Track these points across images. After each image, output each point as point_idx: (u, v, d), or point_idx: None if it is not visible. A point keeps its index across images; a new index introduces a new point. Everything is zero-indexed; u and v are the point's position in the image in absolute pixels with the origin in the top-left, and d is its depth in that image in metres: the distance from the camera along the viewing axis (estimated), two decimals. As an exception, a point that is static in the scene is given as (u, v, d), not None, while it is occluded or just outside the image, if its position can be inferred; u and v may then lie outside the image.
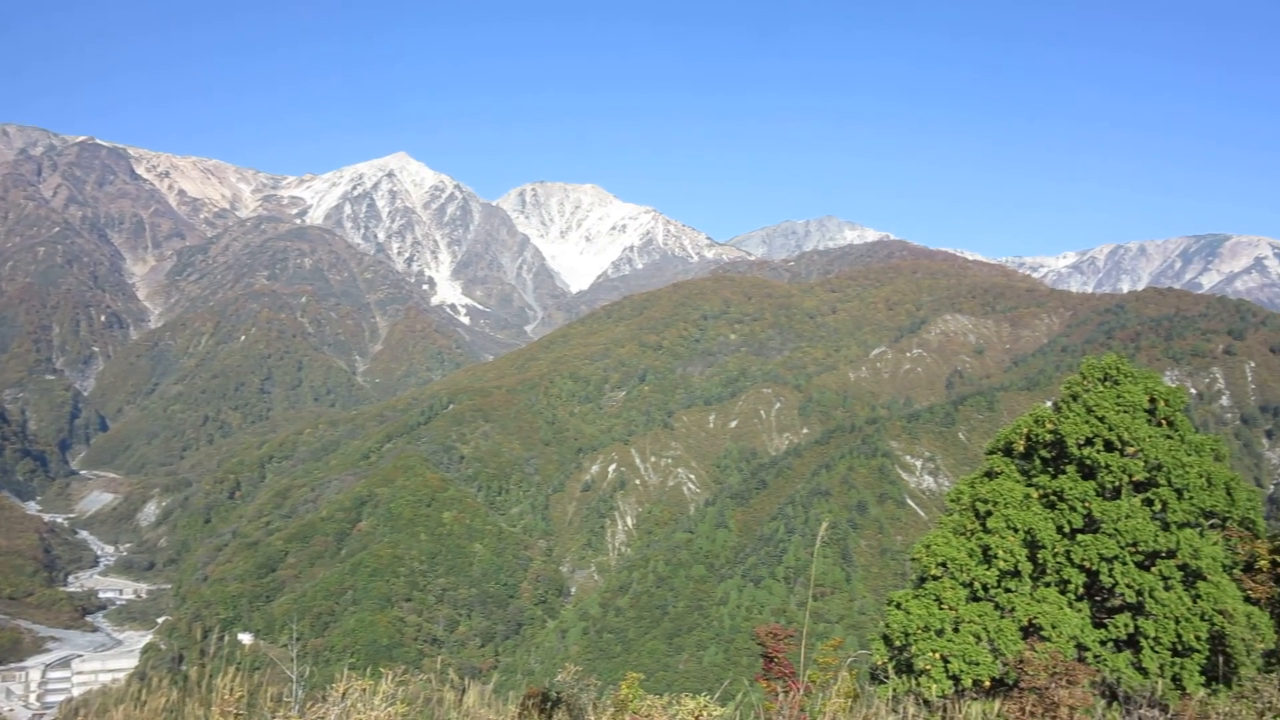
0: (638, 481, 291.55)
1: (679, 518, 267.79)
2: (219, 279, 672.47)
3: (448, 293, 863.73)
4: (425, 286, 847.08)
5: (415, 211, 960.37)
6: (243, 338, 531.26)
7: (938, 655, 19.20)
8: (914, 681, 19.59)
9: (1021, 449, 22.15)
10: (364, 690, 11.00)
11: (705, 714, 11.81)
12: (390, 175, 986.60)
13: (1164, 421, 21.56)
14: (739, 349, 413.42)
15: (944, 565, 20.48)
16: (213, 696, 10.64)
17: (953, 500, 22.01)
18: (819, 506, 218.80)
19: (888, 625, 20.22)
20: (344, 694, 10.87)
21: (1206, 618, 19.59)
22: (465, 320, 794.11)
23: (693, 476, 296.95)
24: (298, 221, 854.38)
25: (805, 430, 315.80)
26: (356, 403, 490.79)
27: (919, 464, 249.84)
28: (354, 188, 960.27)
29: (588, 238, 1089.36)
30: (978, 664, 19.05)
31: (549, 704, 13.36)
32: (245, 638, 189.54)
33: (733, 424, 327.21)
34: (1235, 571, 21.19)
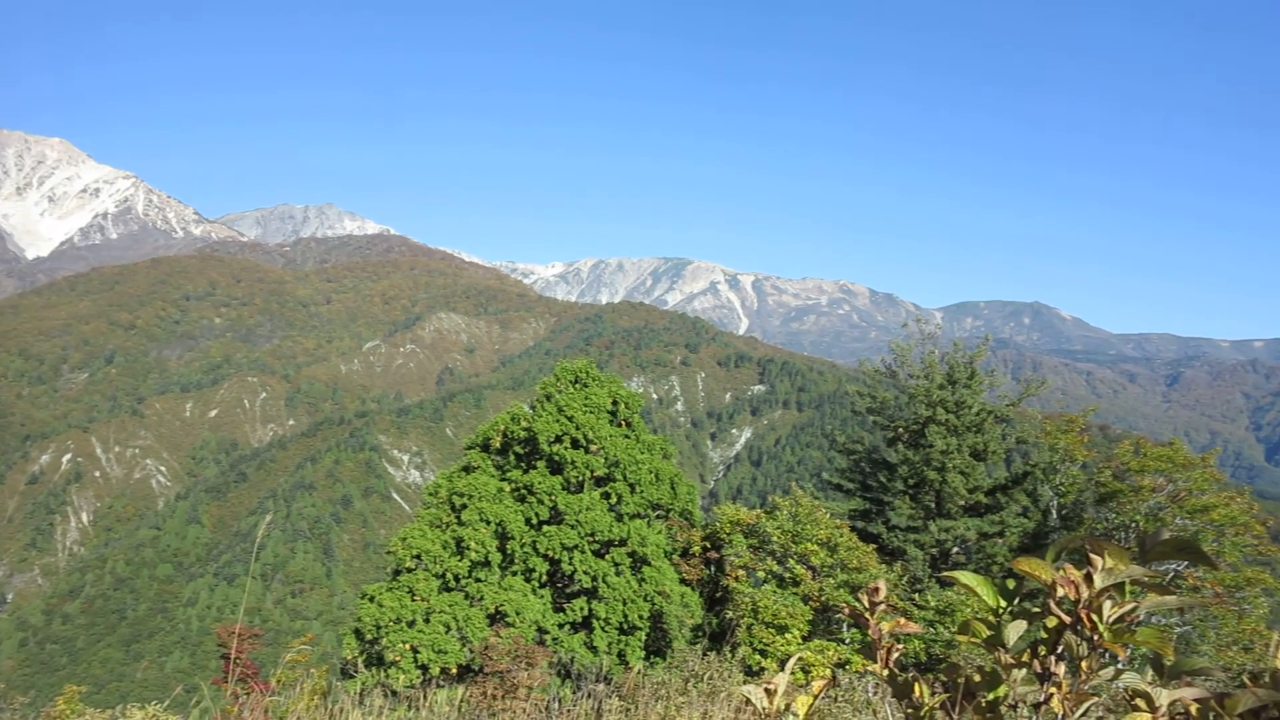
0: (98, 473, 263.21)
1: (145, 513, 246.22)
2: None
3: None
4: None
5: None
6: None
7: (408, 646, 19.45)
8: (384, 673, 19.68)
9: (498, 445, 23.17)
10: None
11: (154, 723, 10.94)
12: None
13: (624, 422, 23.69)
14: (224, 334, 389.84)
15: (419, 557, 20.81)
16: None
17: (431, 494, 22.44)
18: (302, 500, 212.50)
19: (360, 619, 20.11)
20: None
21: (649, 599, 21.80)
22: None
23: (163, 468, 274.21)
24: None
25: (292, 422, 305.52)
26: None
27: (406, 458, 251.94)
28: None
29: (51, 198, 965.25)
30: (446, 652, 19.57)
31: (-44, 729, 11.56)
32: None
33: (213, 413, 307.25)
34: (674, 557, 23.85)
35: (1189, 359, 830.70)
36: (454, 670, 19.82)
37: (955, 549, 29.76)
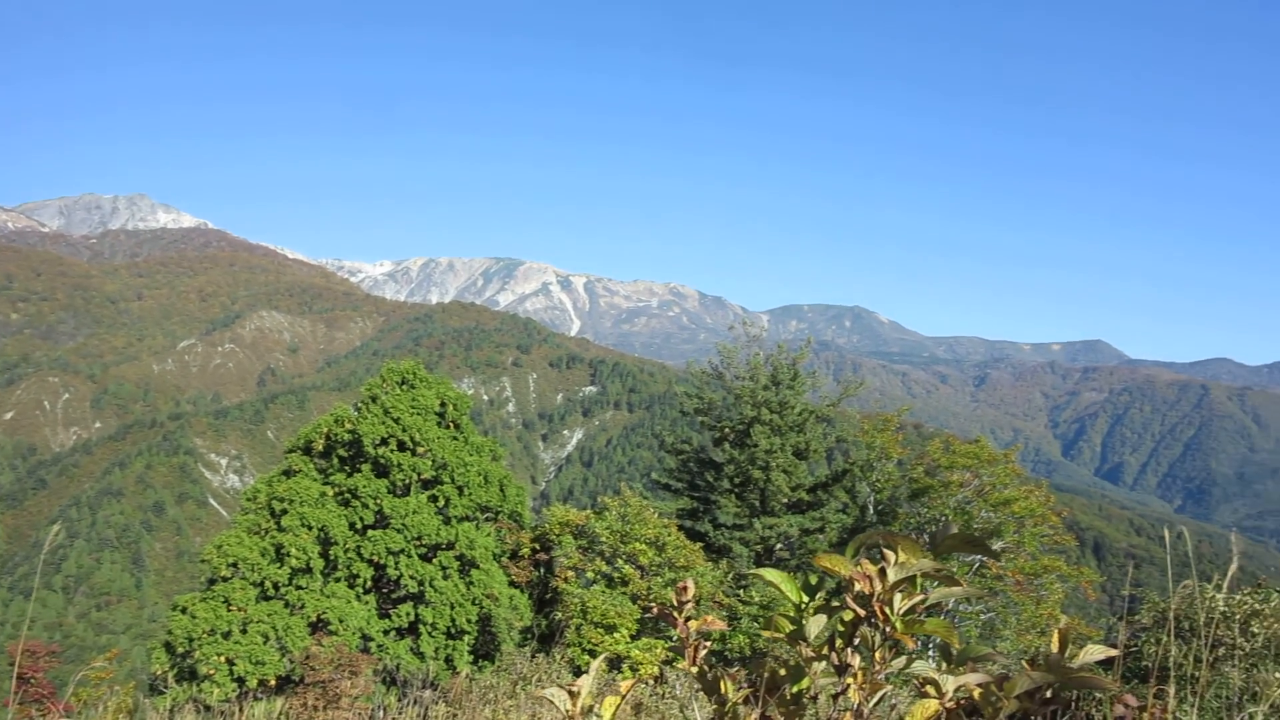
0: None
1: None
2: None
3: None
4: None
5: None
6: None
7: (223, 658, 18.68)
8: (196, 688, 18.85)
9: (321, 448, 22.52)
10: None
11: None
12: None
13: (452, 424, 23.40)
14: (21, 330, 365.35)
15: (235, 565, 20.03)
16: None
17: (249, 499, 21.63)
18: (109, 508, 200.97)
19: (170, 631, 19.20)
20: None
21: (477, 602, 21.62)
22: None
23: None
24: None
25: (98, 424, 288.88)
26: None
27: (224, 462, 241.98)
28: None
29: None
30: (264, 664, 18.90)
31: None
32: None
33: (8, 415, 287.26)
34: (503, 559, 23.72)
35: (995, 361, 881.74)
36: (273, 682, 19.18)
37: (779, 545, 30.66)
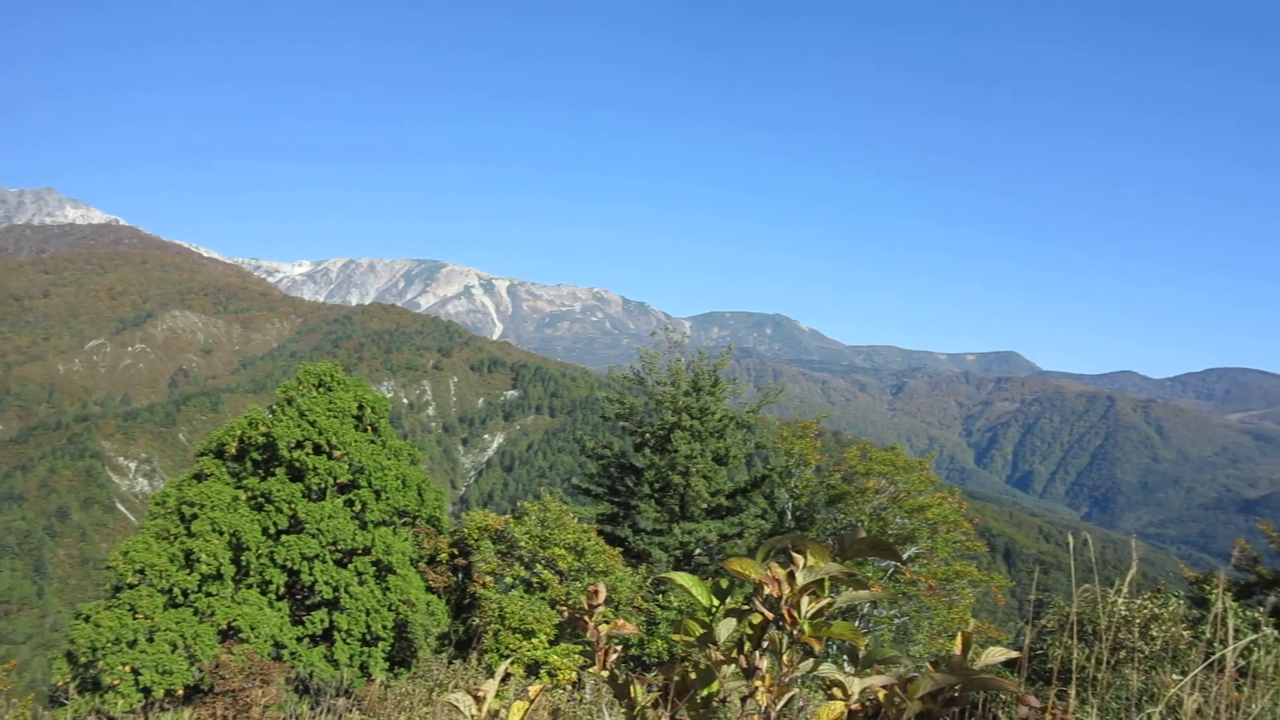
0: None
1: None
2: None
3: None
4: None
5: None
6: None
7: (128, 668, 18.16)
8: (100, 699, 18.30)
9: (234, 451, 22.03)
10: None
11: None
12: None
13: (370, 427, 23.09)
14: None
15: (142, 572, 19.49)
16: None
17: (158, 504, 21.05)
18: (10, 513, 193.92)
19: (73, 641, 18.61)
20: None
21: (394, 608, 21.35)
22: None
23: None
24: None
25: (0, 427, 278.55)
26: None
27: (133, 466, 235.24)
28: None
29: None
30: (172, 673, 18.42)
31: None
32: None
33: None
34: (421, 564, 23.46)
35: (912, 370, 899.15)
36: (181, 692, 18.69)
37: (698, 550, 30.81)
